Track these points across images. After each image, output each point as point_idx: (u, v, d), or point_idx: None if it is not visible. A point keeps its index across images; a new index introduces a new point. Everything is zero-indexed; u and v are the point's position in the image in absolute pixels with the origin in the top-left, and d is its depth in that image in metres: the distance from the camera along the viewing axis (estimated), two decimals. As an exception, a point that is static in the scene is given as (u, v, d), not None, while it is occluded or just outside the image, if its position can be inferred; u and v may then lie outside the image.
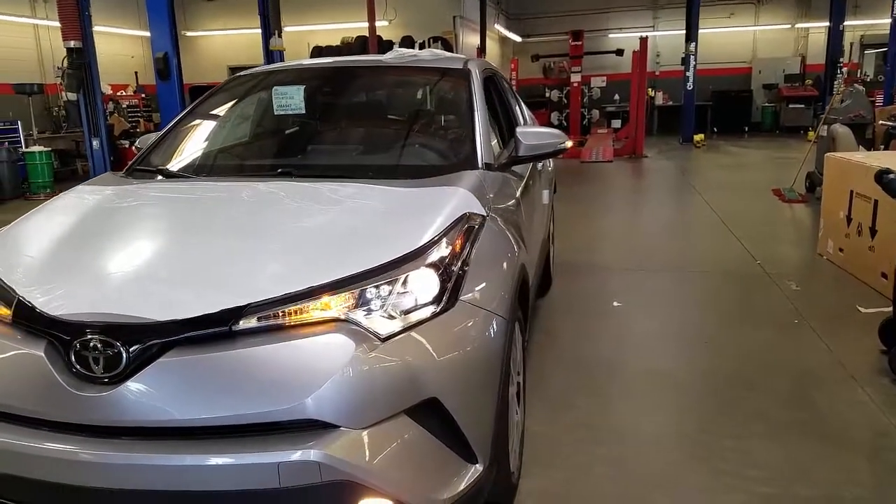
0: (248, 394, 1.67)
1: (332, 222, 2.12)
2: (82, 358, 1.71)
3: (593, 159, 13.56)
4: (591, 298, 4.83)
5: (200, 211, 2.32)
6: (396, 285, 1.85)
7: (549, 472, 2.63)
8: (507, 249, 2.37)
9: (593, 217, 7.93)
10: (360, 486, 1.68)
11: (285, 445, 1.65)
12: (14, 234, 2.25)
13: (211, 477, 1.63)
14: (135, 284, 1.85)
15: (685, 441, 2.84)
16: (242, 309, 1.73)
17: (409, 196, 2.30)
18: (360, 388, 1.70)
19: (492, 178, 2.64)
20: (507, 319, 2.11)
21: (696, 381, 3.44)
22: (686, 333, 4.10)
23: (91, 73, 8.53)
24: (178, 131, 3.10)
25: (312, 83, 3.22)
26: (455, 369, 1.88)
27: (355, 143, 3.09)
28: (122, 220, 2.29)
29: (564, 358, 3.75)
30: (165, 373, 1.68)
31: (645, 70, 14.01)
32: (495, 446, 2.05)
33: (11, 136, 10.71)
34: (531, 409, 3.09)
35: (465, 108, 2.95)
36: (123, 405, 1.67)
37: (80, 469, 1.67)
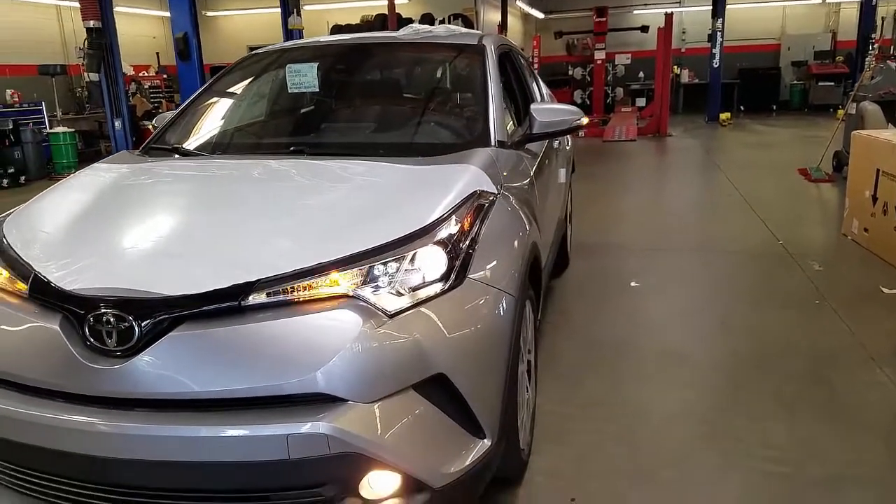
0: (258, 367, 1.69)
1: (342, 199, 2.13)
2: (96, 332, 1.74)
3: (616, 138, 13.41)
4: (609, 279, 4.80)
5: (213, 188, 2.34)
6: (404, 262, 1.86)
7: (559, 450, 2.64)
8: (518, 228, 2.36)
9: (614, 196, 7.87)
10: (367, 459, 1.71)
11: (294, 418, 1.67)
12: (31, 211, 2.30)
13: (221, 448, 1.66)
14: (147, 260, 1.88)
15: (697, 420, 2.83)
16: (252, 284, 1.75)
17: (419, 174, 2.30)
18: (367, 362, 1.72)
19: (505, 156, 2.63)
20: (517, 298, 2.11)
21: (710, 361, 3.42)
22: (703, 314, 4.07)
23: (112, 53, 8.61)
24: (193, 110, 3.12)
25: (326, 60, 3.22)
26: (463, 346, 1.89)
27: (368, 120, 3.09)
28: (136, 197, 2.32)
29: (579, 337, 3.74)
30: (177, 346, 1.71)
31: (670, 47, 13.77)
32: (504, 422, 2.06)
33: (36, 117, 10.87)
34: (544, 387, 3.10)
35: (479, 84, 2.94)
36: (136, 378, 1.70)
37: (94, 439, 1.71)
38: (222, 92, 3.25)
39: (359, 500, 1.78)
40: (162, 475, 1.71)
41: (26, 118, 10.60)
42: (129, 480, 1.75)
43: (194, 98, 3.21)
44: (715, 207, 7.27)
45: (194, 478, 1.71)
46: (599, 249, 5.54)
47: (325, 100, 3.19)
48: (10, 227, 2.19)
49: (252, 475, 1.69)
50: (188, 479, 1.71)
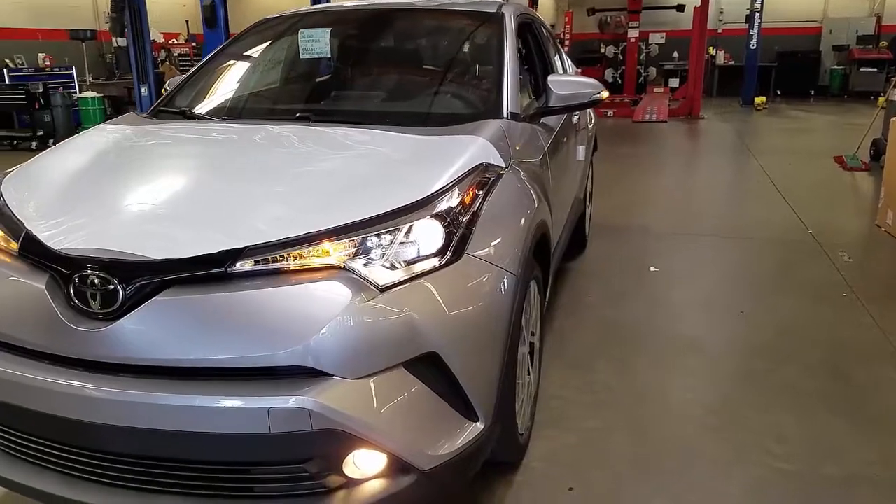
0: (241, 337, 1.63)
1: (341, 168, 2.06)
2: (81, 293, 1.70)
3: (647, 119, 13.14)
4: (628, 262, 4.68)
5: (211, 152, 2.28)
6: (399, 234, 1.78)
7: (561, 435, 2.56)
8: (525, 205, 2.27)
9: (639, 178, 7.69)
10: (351, 437, 1.64)
11: (276, 391, 1.61)
12: (31, 170, 2.26)
13: (199, 418, 1.61)
14: (136, 222, 1.83)
15: (707, 411, 2.73)
16: (241, 251, 1.69)
17: (424, 144, 2.21)
18: (354, 337, 1.65)
19: (517, 129, 2.53)
20: (518, 277, 2.02)
21: (726, 350, 3.30)
22: (723, 302, 3.94)
23: (140, 19, 8.59)
24: (204, 74, 3.06)
25: (339, 27, 3.13)
26: (457, 325, 1.81)
27: (378, 88, 2.99)
28: (133, 159, 2.27)
29: (591, 321, 3.65)
30: (160, 312, 1.65)
31: (705, 27, 13.39)
32: (499, 406, 1.98)
33: (66, 81, 10.94)
34: (550, 371, 3.02)
35: (495, 54, 2.82)
36: (118, 342, 1.65)
37: (75, 403, 1.67)
38: (234, 56, 3.18)
39: (342, 477, 1.73)
40: (142, 443, 1.67)
41: (57, 82, 10.66)
42: (111, 446, 1.71)
43: (206, 62, 3.14)
44: (743, 193, 7.07)
45: (173, 447, 1.66)
46: (620, 231, 5.41)
47: (336, 66, 3.11)
48: (8, 184, 2.15)
49: (231, 448, 1.64)
50: (167, 448, 1.66)
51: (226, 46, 3.21)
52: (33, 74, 10.69)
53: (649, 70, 18.19)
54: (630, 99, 15.76)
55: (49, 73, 10.99)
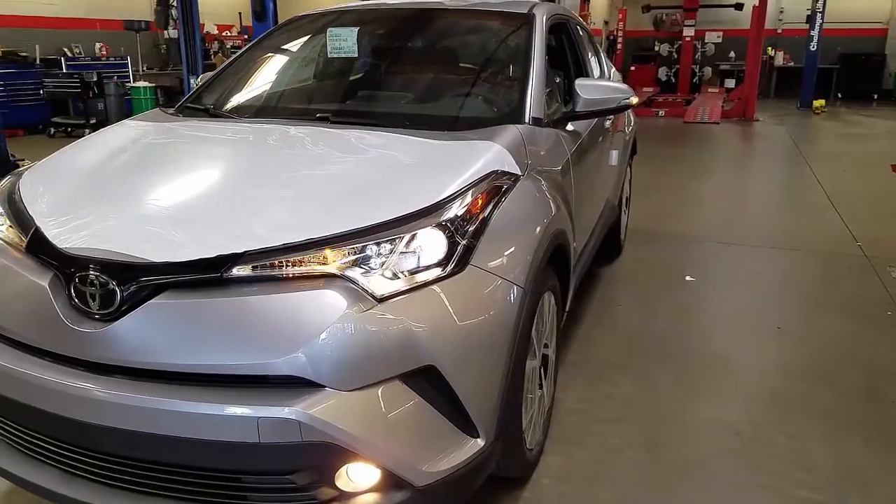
0: (234, 344, 1.62)
1: (349, 173, 2.02)
2: (81, 293, 1.70)
3: (698, 120, 12.81)
4: (663, 270, 4.55)
5: (222, 153, 2.27)
6: (400, 244, 1.74)
7: (573, 451, 2.49)
8: (540, 214, 2.19)
9: (684, 182, 7.48)
10: (343, 450, 1.61)
11: (267, 400, 1.59)
12: (48, 166, 2.29)
13: (191, 424, 1.60)
14: (138, 223, 1.82)
15: (730, 433, 2.61)
16: (238, 256, 1.67)
17: (438, 149, 2.16)
18: (348, 348, 1.61)
19: (537, 135, 2.46)
20: (527, 289, 1.95)
21: (757, 368, 3.16)
22: (758, 316, 3.78)
23: (191, 11, 8.73)
24: (231, 71, 3.06)
25: (366, 26, 3.09)
26: (458, 338, 1.76)
27: (400, 90, 2.95)
28: (146, 158, 2.27)
29: (618, 332, 3.55)
30: (155, 315, 1.65)
31: (763, 27, 12.93)
32: (503, 422, 1.93)
33: (121, 70, 11.22)
34: (571, 384, 2.95)
35: (522, 57, 2.75)
36: (114, 344, 1.65)
37: (72, 402, 1.68)
38: (263, 54, 3.17)
39: (335, 490, 1.70)
40: (135, 445, 1.66)
41: (112, 71, 10.95)
42: (106, 447, 1.71)
43: (235, 59, 3.15)
44: (792, 201, 6.81)
45: (165, 451, 1.65)
46: (659, 237, 5.27)
47: (361, 67, 3.08)
48: (26, 180, 2.18)
49: (220, 455, 1.62)
50: (159, 451, 1.66)
51: (255, 44, 3.22)
52: (89, 63, 10.98)
53: (704, 70, 17.74)
54: (683, 98, 15.40)
55: (105, 63, 11.28)
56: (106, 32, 11.82)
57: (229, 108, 2.80)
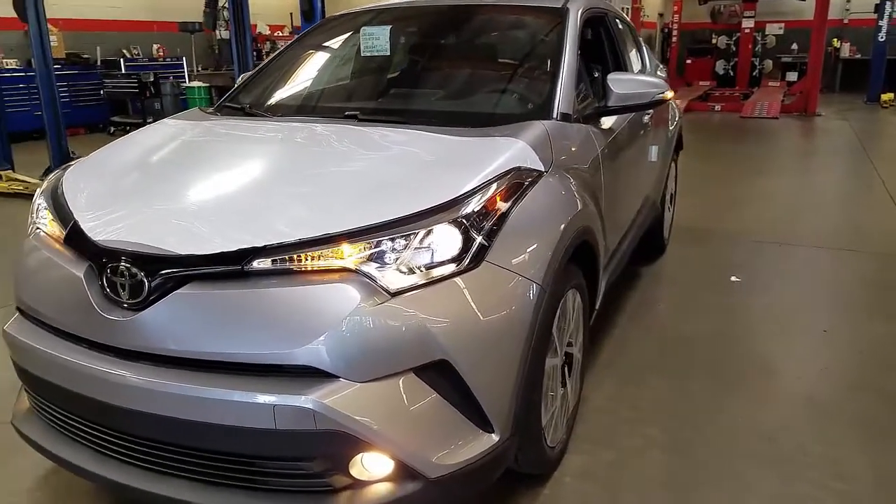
0: (252, 334, 1.67)
1: (369, 169, 2.05)
2: (112, 283, 1.78)
3: (756, 115, 12.46)
4: (708, 270, 4.44)
5: (250, 150, 2.32)
6: (414, 239, 1.75)
7: (598, 451, 2.46)
8: (564, 210, 2.17)
9: (736, 179, 7.28)
10: (355, 439, 1.65)
11: (283, 389, 1.63)
12: (90, 162, 2.38)
13: (211, 409, 1.65)
14: (168, 217, 1.89)
15: (763, 438, 2.54)
16: (259, 250, 1.72)
17: (460, 146, 2.17)
18: (361, 341, 1.64)
19: (564, 131, 2.44)
20: (544, 287, 1.94)
21: (797, 372, 3.06)
22: (805, 318, 3.66)
23: (242, 12, 8.93)
24: (269, 71, 3.14)
25: (399, 25, 3.12)
26: (471, 333, 1.76)
27: (430, 87, 2.96)
28: (178, 155, 2.35)
29: (655, 332, 3.48)
30: (179, 305, 1.71)
31: (826, 17, 12.44)
32: (520, 418, 1.93)
33: (177, 71, 11.58)
34: (601, 383, 2.92)
35: (553, 52, 2.73)
36: (141, 332, 1.72)
37: (103, 386, 1.76)
38: (299, 54, 3.23)
39: (349, 478, 1.73)
40: (158, 428, 1.73)
41: (168, 72, 11.32)
42: (133, 429, 1.79)
43: (271, 60, 3.23)
44: (851, 201, 6.55)
45: (187, 435, 1.71)
46: (706, 237, 5.15)
47: (392, 65, 3.10)
48: (69, 175, 2.28)
49: (240, 441, 1.67)
50: (181, 435, 1.72)
51: (292, 44, 3.28)
52: (147, 64, 11.37)
53: (765, 62, 17.20)
54: (741, 93, 14.99)
55: (161, 64, 11.66)
56: (163, 34, 12.21)
57: (264, 107, 2.86)
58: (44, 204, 2.15)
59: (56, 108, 6.64)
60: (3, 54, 9.79)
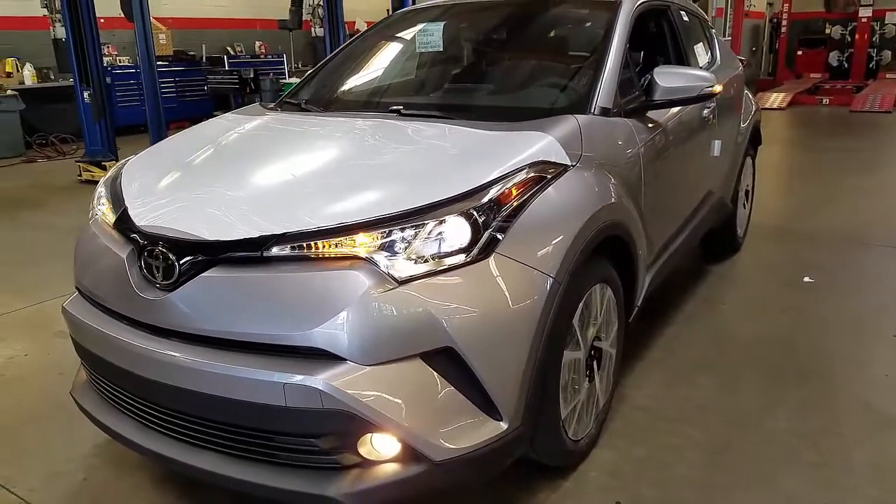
0: (267, 316, 1.77)
1: (395, 162, 2.13)
2: (149, 265, 1.94)
3: (866, 109, 11.71)
4: (782, 270, 4.26)
5: (288, 144, 2.44)
6: (424, 230, 1.81)
7: (631, 448, 2.44)
8: (589, 204, 2.16)
9: (834, 176, 6.90)
10: (361, 420, 1.72)
11: (294, 369, 1.72)
12: (149, 153, 2.59)
13: (230, 385, 1.77)
14: (202, 205, 2.03)
15: (808, 444, 2.44)
16: (279, 237, 1.83)
17: (488, 139, 2.21)
18: (366, 326, 1.71)
19: (601, 125, 2.43)
20: (559, 280, 1.95)
21: (857, 379, 2.90)
22: (878, 323, 3.45)
23: (336, 9, 9.23)
24: (328, 69, 3.28)
25: (452, 21, 3.18)
26: (478, 323, 1.80)
27: (476, 82, 3.00)
28: (225, 147, 2.49)
29: (712, 331, 3.39)
30: (205, 286, 1.84)
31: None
32: (531, 408, 1.95)
33: (277, 67, 12.10)
34: (646, 381, 2.88)
35: (599, 45, 2.72)
36: (170, 311, 1.87)
37: (139, 360, 1.92)
38: (356, 52, 3.36)
39: (357, 457, 1.81)
40: (187, 402, 1.87)
41: (268, 68, 11.85)
42: (166, 402, 1.94)
43: (331, 58, 3.37)
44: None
45: (210, 409, 1.84)
46: (787, 235, 4.93)
47: (442, 60, 3.16)
48: (129, 166, 2.48)
49: (255, 416, 1.78)
50: (205, 409, 1.85)
51: (350, 42, 3.41)
52: (248, 61, 11.94)
53: (883, 53, 16.09)
54: (853, 85, 14.09)
55: (263, 60, 12.22)
56: (265, 32, 12.77)
57: (318, 103, 2.99)
58: (103, 192, 2.36)
59: (158, 103, 7.11)
60: (117, 52, 10.56)
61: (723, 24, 14.71)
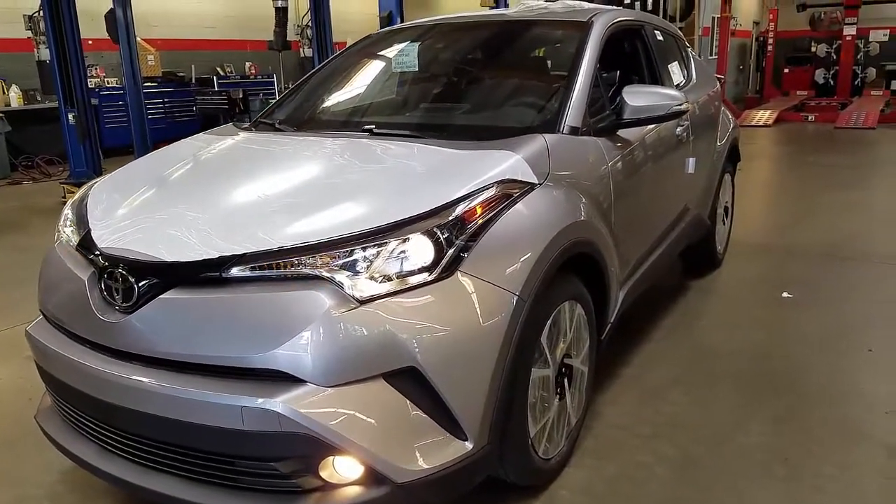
0: (226, 338, 1.76)
1: (360, 181, 2.13)
2: (109, 287, 1.93)
3: (850, 125, 11.82)
4: (761, 285, 4.28)
5: (259, 163, 2.44)
6: (386, 249, 1.81)
7: (602, 465, 2.43)
8: (556, 222, 2.16)
9: (815, 192, 6.95)
10: (321, 442, 1.70)
11: (253, 392, 1.71)
12: (117, 175, 2.57)
13: (190, 409, 1.75)
14: (163, 226, 2.01)
15: (776, 458, 2.43)
16: (239, 257, 1.82)
17: (455, 158, 2.22)
18: (326, 347, 1.70)
19: (569, 144, 2.44)
20: (524, 298, 1.95)
21: (829, 393, 2.90)
22: (854, 337, 3.46)
23: (325, 30, 9.29)
24: (303, 88, 3.30)
25: (427, 41, 3.21)
26: (441, 342, 1.80)
27: (449, 101, 3.02)
28: (191, 168, 2.48)
29: (689, 348, 3.38)
30: (163, 309, 1.83)
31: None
32: (497, 428, 1.94)
33: (267, 88, 12.14)
34: (620, 398, 2.87)
35: (569, 66, 2.74)
36: (130, 333, 1.86)
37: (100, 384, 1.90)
38: (332, 71, 3.37)
39: (319, 480, 1.80)
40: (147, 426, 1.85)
41: (258, 89, 11.89)
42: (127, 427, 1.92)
43: (308, 77, 3.38)
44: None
45: (170, 433, 1.83)
46: (768, 251, 4.97)
47: (416, 80, 3.18)
48: (95, 187, 2.47)
49: (215, 439, 1.76)
50: (165, 433, 1.84)
51: (327, 63, 3.43)
52: (238, 81, 11.98)
53: (867, 71, 16.31)
54: (838, 102, 14.23)
55: (252, 81, 12.26)
56: (255, 53, 12.82)
57: (292, 122, 3.01)
58: (69, 214, 2.35)
59: (144, 125, 7.12)
60: (105, 74, 10.58)
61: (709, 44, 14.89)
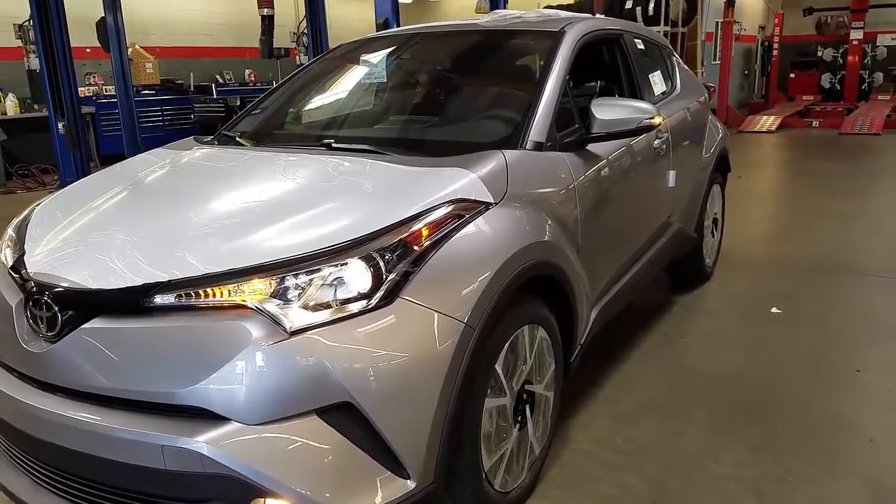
0: (146, 371, 1.67)
1: (304, 201, 2.00)
2: (34, 315, 1.83)
3: (855, 131, 11.66)
4: (750, 300, 4.15)
5: (205, 181, 2.34)
6: (319, 275, 1.71)
7: (564, 497, 2.32)
8: (510, 243, 2.05)
9: (817, 201, 6.81)
10: (249, 484, 1.61)
11: (175, 429, 1.62)
12: (60, 195, 2.47)
13: (110, 446, 1.67)
14: (92, 251, 1.91)
15: (751, 489, 2.31)
16: (163, 285, 1.72)
17: (406, 176, 2.12)
18: (252, 382, 1.60)
19: (530, 160, 2.34)
20: (472, 324, 1.84)
21: (812, 417, 2.78)
22: (842, 357, 3.33)
23: (321, 38, 9.23)
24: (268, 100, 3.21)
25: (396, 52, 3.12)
26: (379, 374, 1.69)
27: (414, 114, 2.93)
28: (139, 186, 2.36)
29: (668, 369, 3.26)
30: (84, 339, 1.73)
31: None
32: (446, 463, 1.84)
33: (265, 94, 12.09)
34: (590, 424, 2.76)
35: (537, 78, 2.64)
36: (53, 364, 1.77)
37: (25, 417, 1.81)
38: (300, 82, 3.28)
39: (248, 524, 1.70)
40: (72, 462, 1.77)
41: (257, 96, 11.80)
42: (55, 462, 1.83)
43: (276, 88, 3.30)
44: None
45: (92, 470, 1.74)
46: (761, 264, 4.84)
47: (383, 91, 3.09)
48: (40, 208, 2.37)
49: (138, 479, 1.68)
50: (88, 470, 1.75)
51: (294, 75, 3.34)
52: (237, 89, 11.95)
53: (875, 75, 16.13)
54: (844, 108, 14.06)
55: (251, 88, 12.22)
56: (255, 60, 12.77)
57: (253, 136, 2.91)
58: (12, 234, 2.25)
59: (135, 132, 7.10)
60: (104, 82, 10.56)
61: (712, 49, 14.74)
